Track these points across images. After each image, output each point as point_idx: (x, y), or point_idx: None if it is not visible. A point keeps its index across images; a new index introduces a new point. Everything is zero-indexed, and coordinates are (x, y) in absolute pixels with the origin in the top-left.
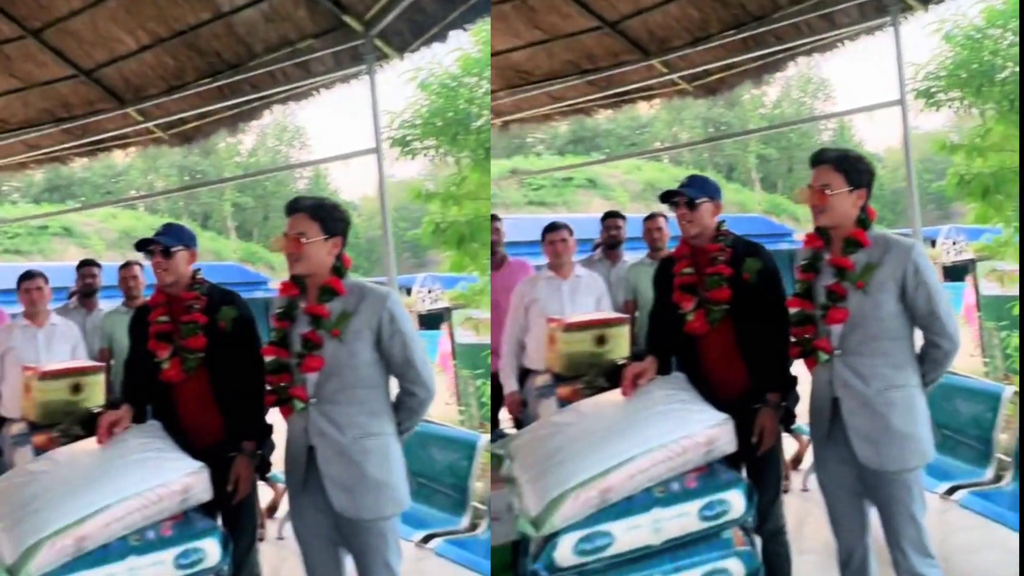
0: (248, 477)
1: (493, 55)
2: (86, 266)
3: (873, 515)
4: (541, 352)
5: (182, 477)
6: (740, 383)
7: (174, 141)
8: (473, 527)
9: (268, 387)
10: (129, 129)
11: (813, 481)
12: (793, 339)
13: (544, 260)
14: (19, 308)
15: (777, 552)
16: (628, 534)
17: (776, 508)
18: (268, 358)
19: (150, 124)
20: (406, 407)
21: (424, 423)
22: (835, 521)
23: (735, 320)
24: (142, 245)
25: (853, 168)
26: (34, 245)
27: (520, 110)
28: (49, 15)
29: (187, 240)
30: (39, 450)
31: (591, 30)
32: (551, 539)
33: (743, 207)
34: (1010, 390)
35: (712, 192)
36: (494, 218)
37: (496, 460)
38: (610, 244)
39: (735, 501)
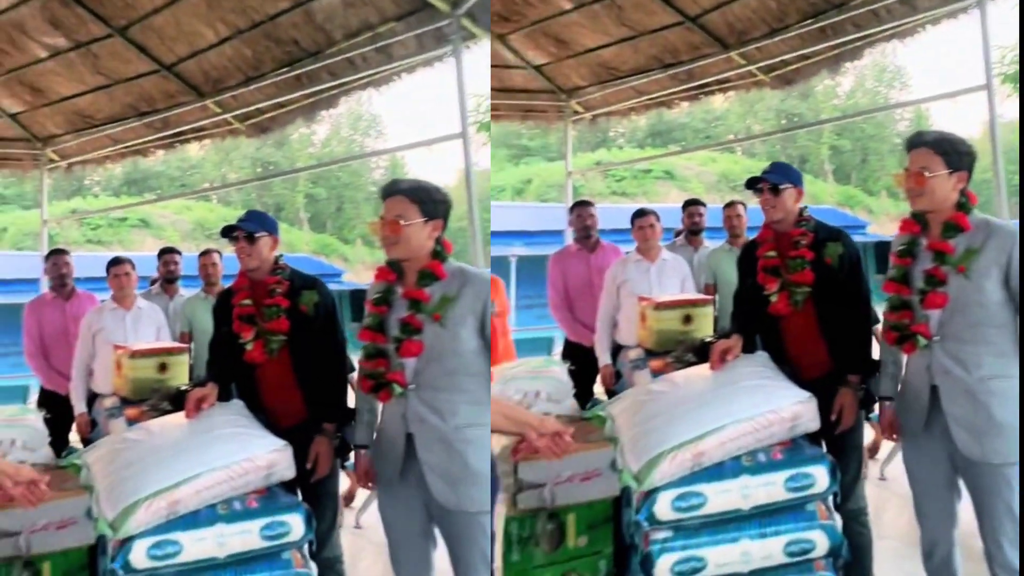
0: (328, 457)
1: (584, 52)
2: (168, 254)
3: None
4: (632, 329)
5: (267, 453)
6: (821, 364)
7: (251, 132)
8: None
9: (364, 372)
10: (207, 121)
11: (891, 470)
12: (889, 324)
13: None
14: (105, 294)
15: (859, 532)
16: (719, 497)
17: (858, 488)
18: (364, 343)
19: (228, 115)
20: None
21: None
22: (921, 512)
23: (817, 303)
24: (227, 231)
25: (953, 150)
26: (114, 236)
27: (607, 104)
28: (134, 13)
29: (270, 227)
30: (131, 422)
31: (674, 25)
32: (650, 495)
33: (816, 199)
34: None
35: (795, 179)
36: (587, 204)
37: (599, 421)
38: (692, 231)
39: (819, 476)
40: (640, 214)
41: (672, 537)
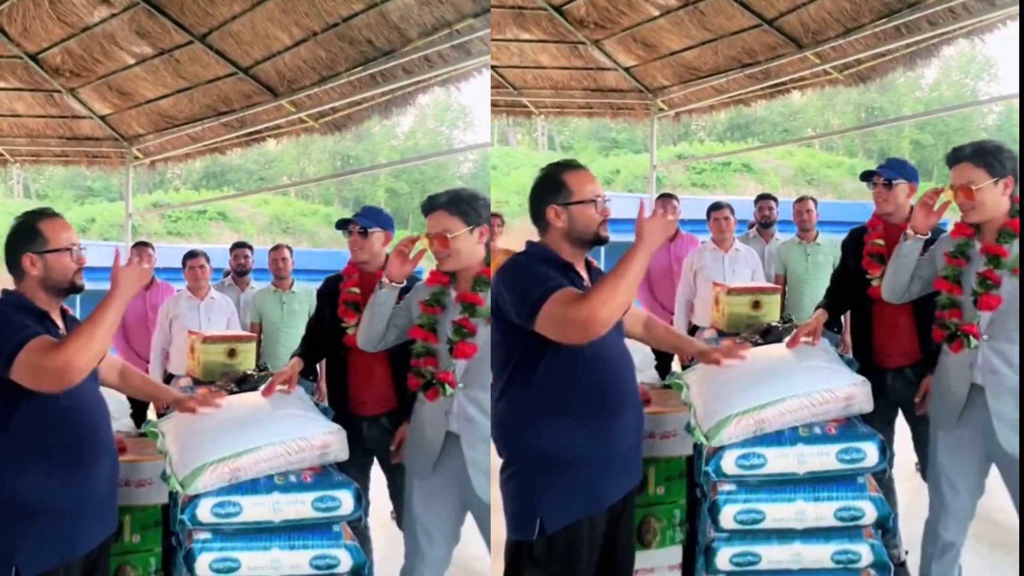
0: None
1: (668, 55)
2: (239, 248)
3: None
4: (706, 311)
5: (322, 435)
6: (907, 353)
7: (325, 129)
8: None
9: (414, 370)
10: (282, 120)
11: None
12: (938, 322)
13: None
14: (182, 284)
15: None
16: (777, 460)
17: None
18: (416, 340)
19: (302, 114)
20: None
21: None
22: (944, 511)
23: None
24: (342, 224)
25: (994, 159)
26: (193, 228)
27: (689, 102)
28: (213, 20)
29: (384, 223)
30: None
31: (752, 28)
32: (718, 451)
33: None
34: None
35: (909, 175)
36: (671, 196)
37: (677, 388)
38: (764, 224)
39: (870, 452)
40: (716, 207)
41: (736, 490)
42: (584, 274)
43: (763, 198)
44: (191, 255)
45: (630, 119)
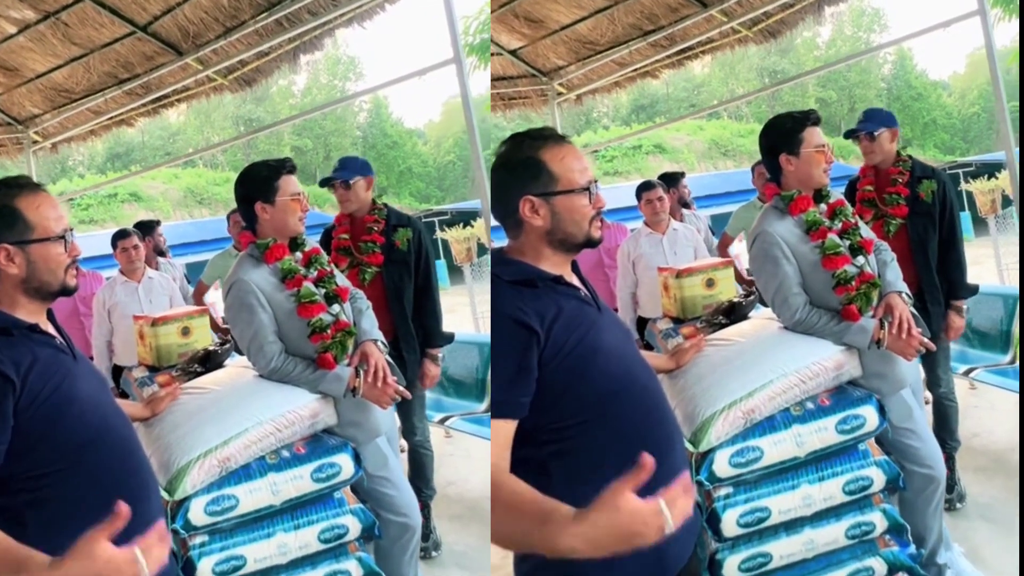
0: (436, 375)
1: (560, 29)
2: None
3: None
4: (653, 301)
5: (310, 403)
6: (909, 286)
7: (234, 87)
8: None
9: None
10: (190, 80)
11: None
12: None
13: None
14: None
15: (948, 405)
16: (775, 448)
17: (944, 376)
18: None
19: (210, 71)
20: None
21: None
22: None
23: (911, 232)
24: (325, 183)
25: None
26: (107, 213)
27: (590, 81)
28: None
29: (360, 170)
30: (164, 387)
31: None
32: (707, 455)
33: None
34: None
35: (887, 121)
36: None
37: None
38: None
39: (869, 416)
40: (646, 187)
41: (733, 493)
42: (576, 282)
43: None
44: (122, 235)
45: (526, 109)
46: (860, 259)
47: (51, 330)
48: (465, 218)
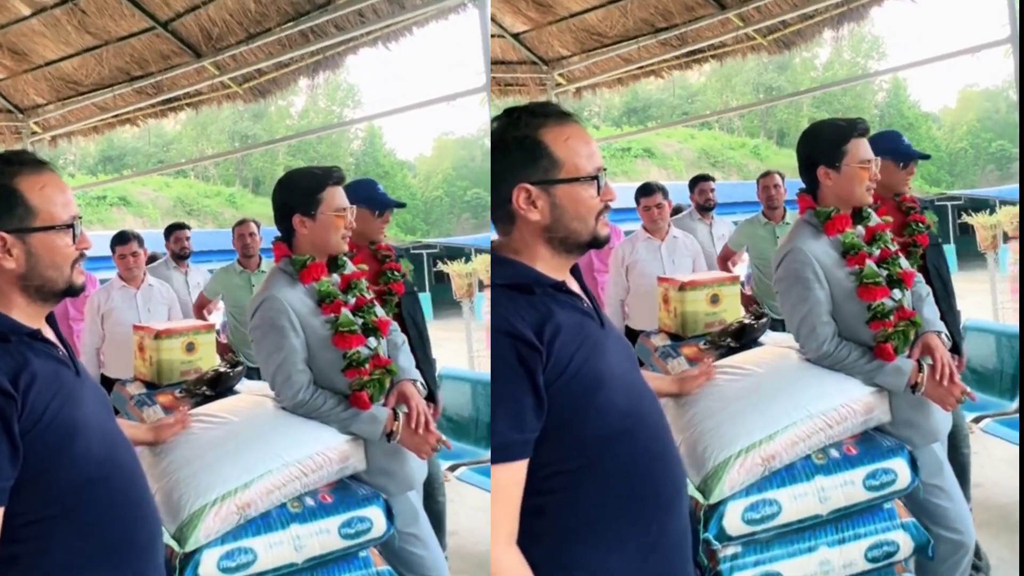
0: (437, 415)
1: (569, 16)
2: (179, 230)
3: None
4: (646, 312)
5: (341, 444)
6: None
7: (248, 96)
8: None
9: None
10: (204, 84)
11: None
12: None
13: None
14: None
15: (964, 454)
16: (794, 503)
17: (960, 420)
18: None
19: (225, 77)
20: None
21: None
22: None
23: (928, 262)
24: (380, 206)
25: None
26: (94, 215)
27: (592, 75)
28: None
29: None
30: (167, 410)
31: None
32: (717, 507)
33: (796, 172)
34: None
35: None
36: None
37: None
38: (705, 207)
39: (900, 470)
40: (646, 192)
41: (742, 553)
42: (577, 288)
43: (702, 179)
44: (121, 240)
45: (521, 96)
46: (898, 292)
47: (52, 337)
48: (452, 254)
